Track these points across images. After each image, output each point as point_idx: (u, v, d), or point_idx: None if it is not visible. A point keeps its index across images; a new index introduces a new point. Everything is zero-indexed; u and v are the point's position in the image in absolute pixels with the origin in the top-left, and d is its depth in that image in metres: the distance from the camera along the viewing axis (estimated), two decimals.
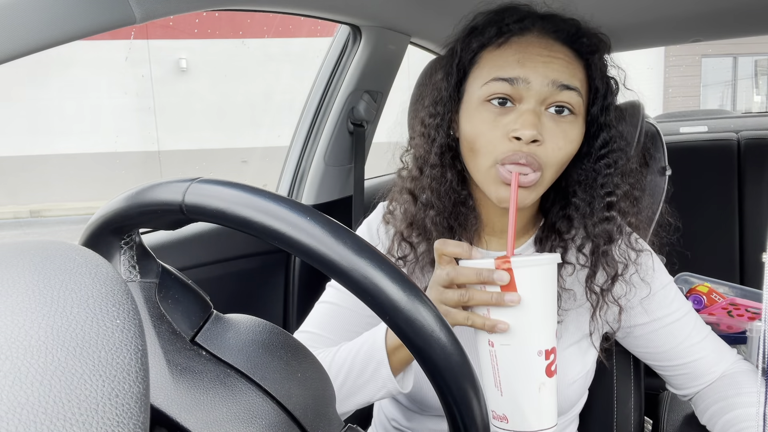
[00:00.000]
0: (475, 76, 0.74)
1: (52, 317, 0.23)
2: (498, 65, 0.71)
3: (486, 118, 0.71)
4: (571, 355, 0.81)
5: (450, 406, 0.34)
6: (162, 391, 0.34)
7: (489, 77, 0.71)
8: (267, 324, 0.41)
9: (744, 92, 11.30)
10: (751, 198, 2.01)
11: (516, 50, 0.72)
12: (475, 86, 0.73)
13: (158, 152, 8.28)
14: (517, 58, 0.71)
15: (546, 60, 0.70)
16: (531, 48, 0.71)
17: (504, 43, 0.73)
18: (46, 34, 0.62)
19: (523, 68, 0.70)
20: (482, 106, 0.71)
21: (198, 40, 8.50)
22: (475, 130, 0.72)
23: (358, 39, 1.36)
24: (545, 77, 0.69)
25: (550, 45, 0.72)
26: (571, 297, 0.80)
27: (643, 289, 0.80)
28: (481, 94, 0.72)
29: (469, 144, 0.73)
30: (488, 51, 0.74)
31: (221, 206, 0.34)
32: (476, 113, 0.72)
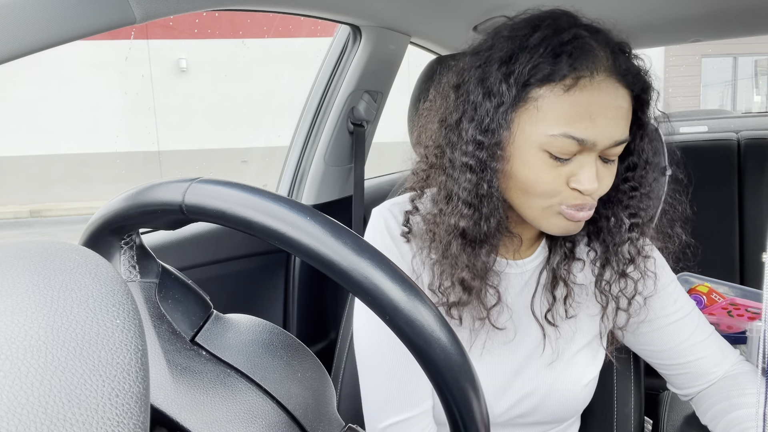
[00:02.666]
0: (533, 116, 0.67)
1: (52, 317, 0.23)
2: (569, 117, 0.65)
3: (548, 165, 0.67)
4: (584, 356, 0.81)
5: (450, 406, 0.34)
6: (162, 391, 0.34)
7: (558, 130, 0.65)
8: (267, 324, 0.41)
9: (744, 92, 11.30)
10: (751, 198, 2.01)
11: (588, 99, 0.65)
12: (535, 129, 0.67)
13: (158, 152, 8.28)
14: (589, 113, 0.65)
15: (614, 114, 0.66)
16: (601, 98, 0.65)
17: (574, 86, 0.65)
18: (46, 34, 0.62)
19: (595, 126, 0.65)
20: (541, 153, 0.67)
21: (198, 40, 8.50)
22: (535, 176, 0.68)
23: (358, 39, 1.36)
24: (611, 138, 0.66)
25: (617, 90, 0.66)
26: (583, 291, 0.81)
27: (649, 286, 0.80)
28: (543, 142, 0.66)
29: (522, 186, 0.69)
30: (553, 90, 0.65)
31: (221, 206, 0.34)
32: (533, 158, 0.67)
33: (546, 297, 0.80)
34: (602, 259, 0.78)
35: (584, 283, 0.81)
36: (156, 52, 8.17)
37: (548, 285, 0.80)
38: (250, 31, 8.18)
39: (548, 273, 0.80)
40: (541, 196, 0.68)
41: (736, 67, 11.02)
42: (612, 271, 0.78)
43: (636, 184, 0.75)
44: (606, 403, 0.96)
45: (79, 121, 8.35)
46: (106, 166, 7.98)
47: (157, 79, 8.34)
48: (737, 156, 2.05)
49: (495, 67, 0.68)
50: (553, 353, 0.80)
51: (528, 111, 0.67)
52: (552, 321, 0.79)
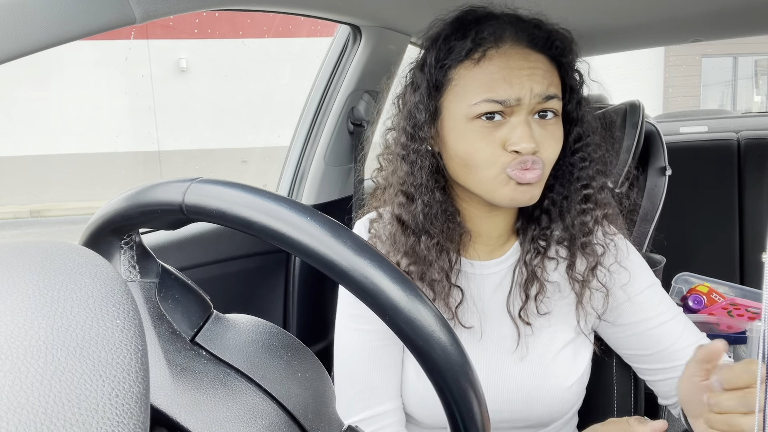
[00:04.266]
0: (455, 94, 0.74)
1: (52, 317, 0.23)
2: (484, 84, 0.71)
3: (480, 134, 0.71)
4: (566, 357, 0.82)
5: (450, 406, 0.34)
6: (162, 391, 0.34)
7: (478, 98, 0.71)
8: (267, 324, 0.41)
9: (744, 92, 11.30)
10: (751, 198, 2.01)
11: (498, 66, 0.71)
12: (460, 105, 0.73)
13: (158, 152, 8.28)
14: (502, 76, 0.71)
15: (529, 73, 0.71)
16: (512, 62, 0.71)
17: (482, 58, 0.72)
18: (46, 34, 0.62)
19: (512, 87, 0.70)
20: (471, 123, 0.72)
21: (198, 40, 8.50)
22: (471, 147, 0.72)
23: (358, 39, 1.36)
24: (531, 91, 0.71)
25: (528, 55, 0.72)
26: (556, 289, 0.82)
27: (623, 274, 0.81)
28: (468, 112, 0.72)
29: (463, 161, 0.73)
30: (465, 67, 0.73)
31: (221, 206, 0.34)
32: (467, 130, 0.72)
33: (520, 295, 0.81)
34: (568, 241, 0.80)
35: (558, 280, 0.82)
36: (156, 52, 8.17)
37: (522, 283, 0.81)
38: (250, 31, 8.18)
39: (522, 271, 0.81)
40: (484, 166, 0.72)
41: (736, 67, 11.02)
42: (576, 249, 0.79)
43: (584, 155, 0.78)
44: (606, 403, 0.96)
45: (79, 121, 8.35)
46: (106, 166, 7.97)
47: (157, 79, 8.34)
48: (737, 156, 2.05)
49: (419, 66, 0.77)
50: (523, 347, 0.81)
51: (451, 91, 0.74)
52: (525, 318, 0.80)
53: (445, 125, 0.75)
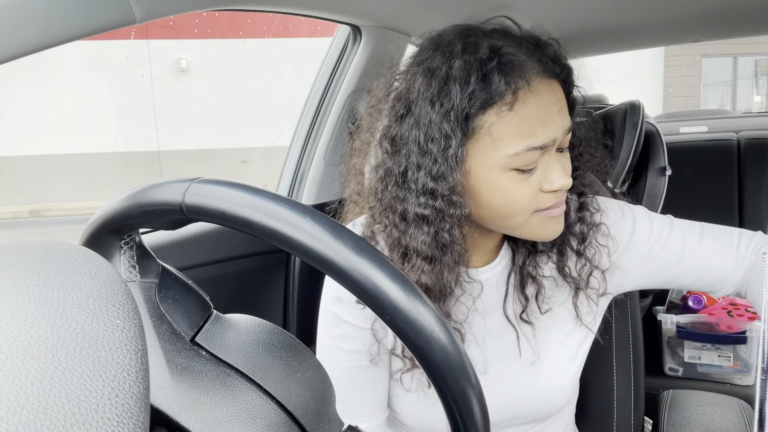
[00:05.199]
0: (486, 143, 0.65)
1: (52, 317, 0.23)
2: (523, 131, 0.64)
3: (518, 182, 0.66)
4: (568, 350, 0.81)
5: (450, 406, 0.34)
6: (162, 391, 0.34)
7: (517, 147, 0.64)
8: (267, 324, 0.41)
9: (744, 92, 11.30)
10: (751, 198, 2.01)
11: (533, 108, 0.64)
12: (494, 155, 0.65)
13: (158, 152, 8.28)
14: (538, 119, 0.64)
15: (558, 108, 0.66)
16: (543, 100, 0.65)
17: (515, 100, 0.64)
18: (46, 34, 0.62)
19: (548, 128, 0.65)
20: (508, 173, 0.66)
21: (198, 40, 8.50)
22: (510, 197, 0.66)
23: (358, 39, 1.36)
24: (563, 128, 0.66)
25: (552, 87, 0.67)
26: (553, 284, 0.80)
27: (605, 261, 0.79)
28: (506, 163, 0.65)
29: (500, 211, 0.68)
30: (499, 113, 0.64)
31: (221, 206, 0.34)
32: (503, 181, 0.66)
33: (518, 298, 0.79)
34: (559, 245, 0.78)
35: (552, 275, 0.80)
36: (156, 52, 8.17)
37: (518, 285, 0.79)
38: (250, 31, 8.18)
39: (516, 273, 0.79)
40: (521, 212, 0.68)
41: (736, 67, 11.02)
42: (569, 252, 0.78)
43: (578, 164, 0.77)
44: (606, 403, 0.96)
45: (79, 121, 8.35)
46: (106, 166, 7.98)
47: (157, 79, 8.34)
48: (737, 156, 2.05)
49: (428, 109, 0.65)
50: (534, 353, 0.79)
51: (480, 141, 0.65)
52: (528, 320, 0.78)
53: (472, 175, 0.67)
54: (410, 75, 0.69)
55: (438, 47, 0.68)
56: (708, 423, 0.91)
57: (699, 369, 1.62)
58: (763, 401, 0.52)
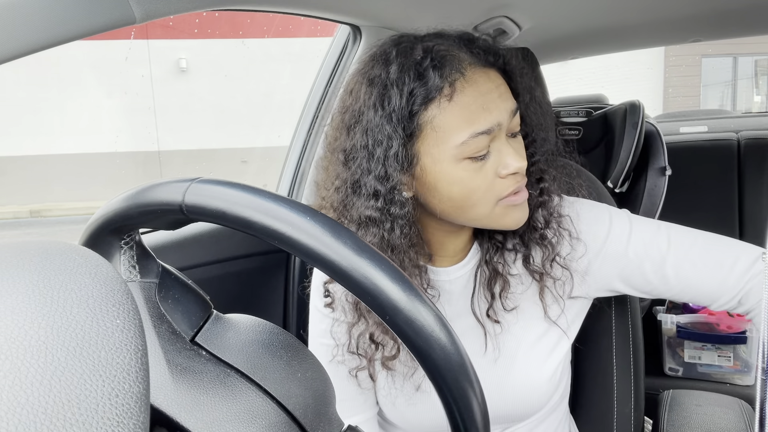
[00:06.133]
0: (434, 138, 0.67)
1: (52, 317, 0.23)
2: (466, 119, 0.66)
3: (473, 171, 0.67)
4: (541, 350, 0.80)
5: (450, 406, 0.34)
6: (162, 391, 0.34)
7: (463, 136, 0.66)
8: (267, 324, 0.41)
9: (744, 92, 11.30)
10: (751, 198, 2.01)
11: (472, 96, 0.66)
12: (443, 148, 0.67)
13: (158, 152, 8.28)
14: (479, 105, 0.66)
15: (498, 93, 0.68)
16: (481, 86, 0.67)
17: (453, 92, 0.66)
18: (46, 34, 0.62)
19: (490, 112, 0.67)
20: (461, 163, 0.67)
21: (198, 40, 8.50)
22: (467, 187, 0.68)
23: (358, 39, 1.36)
24: (506, 111, 0.68)
25: (489, 74, 0.69)
26: (518, 281, 0.80)
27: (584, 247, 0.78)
28: (456, 154, 0.67)
29: (459, 202, 0.69)
30: (439, 106, 0.66)
31: (221, 206, 0.34)
32: (458, 173, 0.67)
33: (485, 295, 0.79)
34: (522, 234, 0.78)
35: (519, 272, 0.80)
36: (156, 52, 8.17)
37: (485, 282, 0.79)
38: (250, 31, 8.18)
39: (484, 270, 0.80)
40: (481, 202, 0.68)
41: (736, 67, 11.03)
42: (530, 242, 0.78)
43: (533, 150, 0.77)
44: (606, 403, 0.96)
45: (79, 121, 8.35)
46: (106, 166, 7.98)
47: (157, 79, 8.34)
48: (737, 156, 2.05)
49: (371, 115, 0.68)
50: (495, 350, 0.79)
51: (428, 136, 0.67)
52: (494, 317, 0.79)
53: (428, 171, 0.69)
54: (355, 88, 0.72)
55: (375, 57, 0.71)
56: (708, 423, 0.91)
57: (699, 369, 1.62)
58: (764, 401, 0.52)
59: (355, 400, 0.81)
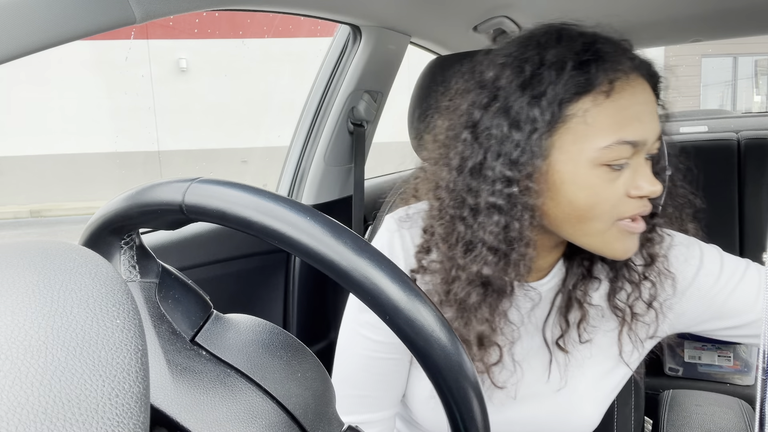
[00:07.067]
0: (576, 133, 0.61)
1: (52, 317, 0.23)
2: (618, 123, 0.60)
3: (606, 181, 0.62)
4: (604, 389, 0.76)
5: (450, 406, 0.34)
6: (162, 391, 0.34)
7: (609, 139, 0.60)
8: (267, 324, 0.41)
9: (744, 92, 11.30)
10: (751, 198, 2.01)
11: (629, 101, 0.61)
12: (583, 147, 0.61)
13: (158, 152, 8.28)
14: (634, 114, 0.61)
15: (651, 110, 0.63)
16: (638, 96, 0.62)
17: (612, 90, 0.61)
18: (46, 34, 0.62)
19: (643, 125, 0.61)
20: (597, 169, 0.61)
21: (198, 40, 8.50)
22: (595, 197, 0.62)
23: (358, 39, 1.36)
24: (654, 132, 0.63)
25: (645, 87, 0.64)
26: (599, 314, 0.74)
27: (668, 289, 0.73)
28: (596, 156, 0.61)
29: (580, 211, 0.63)
30: (594, 100, 0.61)
31: (221, 206, 0.34)
32: (590, 178, 0.62)
33: (559, 321, 0.74)
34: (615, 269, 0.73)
35: (600, 303, 0.74)
36: (156, 52, 8.17)
37: (563, 308, 0.73)
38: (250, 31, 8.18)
39: (563, 296, 0.74)
40: (602, 217, 0.63)
41: (736, 67, 11.03)
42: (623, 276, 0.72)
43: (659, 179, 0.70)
44: None
45: (79, 121, 8.35)
46: (106, 166, 7.98)
47: (157, 79, 8.34)
48: (737, 156, 2.05)
49: (517, 95, 0.62)
50: (561, 380, 0.75)
51: (570, 130, 0.62)
52: (563, 347, 0.73)
53: (556, 169, 0.63)
54: (497, 65, 0.66)
55: (529, 41, 0.65)
56: (708, 423, 0.91)
57: (699, 369, 1.62)
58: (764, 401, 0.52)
59: (382, 399, 0.77)
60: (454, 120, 0.69)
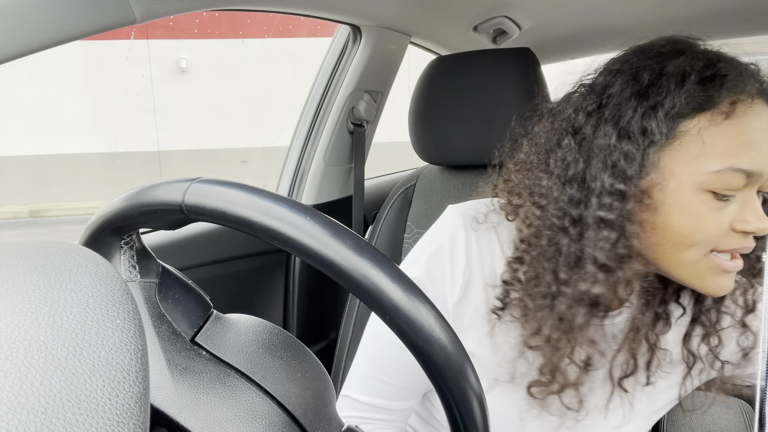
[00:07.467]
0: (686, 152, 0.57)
1: (52, 317, 0.23)
2: (733, 148, 0.56)
3: (710, 209, 0.57)
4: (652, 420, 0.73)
5: (450, 406, 0.34)
6: (162, 391, 0.34)
7: (723, 164, 0.56)
8: (267, 324, 0.41)
9: None
10: None
11: (750, 126, 0.56)
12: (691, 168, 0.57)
13: (158, 152, 8.28)
14: (753, 141, 0.56)
15: None
16: (761, 123, 0.57)
17: (732, 112, 0.56)
18: (46, 34, 0.62)
19: (761, 155, 0.56)
20: (702, 195, 0.57)
21: (198, 40, 8.50)
22: (696, 224, 0.57)
23: (358, 39, 1.36)
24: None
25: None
26: (667, 358, 0.70)
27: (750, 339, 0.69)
28: (704, 180, 0.56)
29: (677, 237, 0.59)
30: (712, 120, 0.56)
31: (221, 206, 0.34)
32: (694, 203, 0.57)
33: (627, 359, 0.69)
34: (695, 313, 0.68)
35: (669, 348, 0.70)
36: (156, 52, 8.17)
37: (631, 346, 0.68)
38: (250, 31, 8.19)
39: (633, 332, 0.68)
40: (699, 246, 0.58)
41: None
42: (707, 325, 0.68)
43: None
44: None
45: (79, 121, 8.35)
46: (106, 166, 7.98)
47: (157, 79, 8.35)
48: None
49: (630, 104, 0.59)
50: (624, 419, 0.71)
51: (681, 147, 0.57)
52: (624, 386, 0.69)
53: (658, 187, 0.58)
54: (611, 72, 0.62)
55: (649, 50, 0.62)
56: (708, 423, 0.91)
57: None
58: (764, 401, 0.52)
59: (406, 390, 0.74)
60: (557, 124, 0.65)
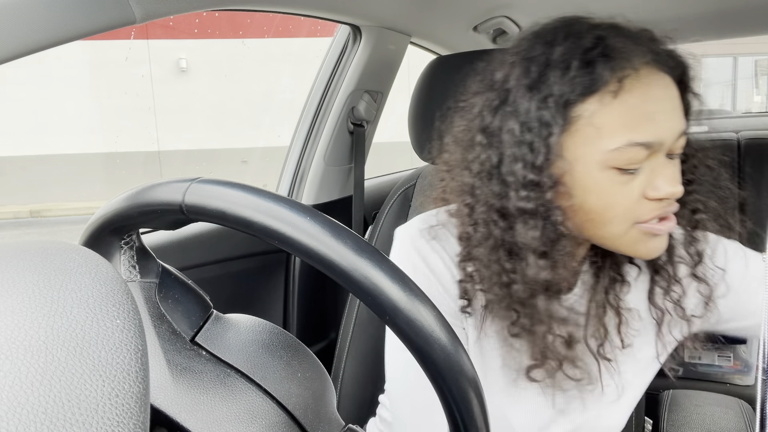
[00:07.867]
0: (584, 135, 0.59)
1: (52, 317, 0.23)
2: (627, 124, 0.57)
3: (617, 183, 0.59)
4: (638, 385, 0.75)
5: (450, 406, 0.34)
6: (162, 391, 0.34)
7: (618, 141, 0.57)
8: (267, 324, 0.41)
9: (744, 92, 11.31)
10: (752, 198, 2.01)
11: (640, 98, 0.58)
12: (591, 150, 0.59)
13: (158, 152, 8.28)
14: (645, 113, 0.58)
15: (670, 106, 0.59)
16: (653, 90, 0.58)
17: (620, 89, 0.58)
18: (46, 34, 0.62)
19: (656, 125, 0.58)
20: (607, 172, 0.59)
21: (198, 40, 8.50)
22: (607, 200, 0.60)
23: (358, 39, 1.36)
24: (674, 131, 0.59)
25: (665, 80, 0.60)
26: (635, 316, 0.71)
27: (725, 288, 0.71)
28: (606, 159, 0.58)
29: (593, 215, 0.61)
30: (601, 100, 0.58)
31: (221, 206, 0.34)
32: (601, 181, 0.59)
33: (597, 328, 0.70)
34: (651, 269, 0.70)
35: (635, 306, 0.71)
36: (156, 52, 8.17)
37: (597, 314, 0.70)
38: (250, 31, 8.18)
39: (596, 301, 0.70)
40: (618, 221, 0.60)
41: (736, 67, 11.03)
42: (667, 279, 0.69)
43: (692, 177, 0.68)
44: None
45: (79, 121, 8.35)
46: (106, 166, 7.98)
47: (157, 79, 8.34)
48: (737, 156, 2.05)
49: (525, 97, 0.60)
50: (618, 388, 0.72)
51: (579, 132, 0.59)
52: (605, 354, 0.70)
53: (565, 172, 0.60)
54: (507, 65, 0.64)
55: (538, 36, 0.63)
56: (708, 423, 0.91)
57: (699, 369, 1.62)
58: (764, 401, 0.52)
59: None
60: (469, 122, 0.67)
